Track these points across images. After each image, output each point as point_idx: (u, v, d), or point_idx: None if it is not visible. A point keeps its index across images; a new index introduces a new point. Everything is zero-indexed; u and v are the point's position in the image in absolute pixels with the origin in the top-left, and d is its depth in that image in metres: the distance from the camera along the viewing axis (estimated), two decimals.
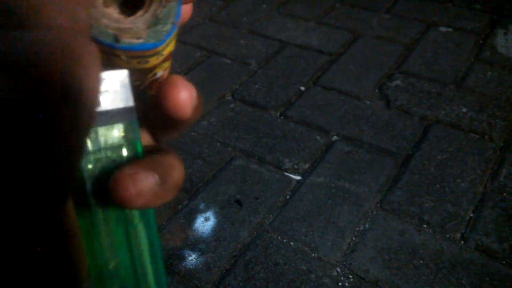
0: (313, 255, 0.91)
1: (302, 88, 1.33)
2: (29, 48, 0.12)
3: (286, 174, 1.08)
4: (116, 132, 0.19)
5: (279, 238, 0.94)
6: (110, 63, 0.18)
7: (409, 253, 0.91)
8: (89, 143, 0.18)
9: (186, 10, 0.20)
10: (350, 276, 0.88)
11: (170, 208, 1.00)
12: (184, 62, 1.45)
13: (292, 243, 0.93)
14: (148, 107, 0.20)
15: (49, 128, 0.12)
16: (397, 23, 1.59)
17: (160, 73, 0.20)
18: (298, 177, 1.07)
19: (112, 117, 0.19)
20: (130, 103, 0.19)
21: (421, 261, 0.89)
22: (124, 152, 0.19)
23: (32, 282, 0.15)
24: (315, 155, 1.12)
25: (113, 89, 0.19)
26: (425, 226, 0.95)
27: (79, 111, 0.13)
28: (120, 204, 0.17)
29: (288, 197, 1.02)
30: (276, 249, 0.92)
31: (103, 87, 0.18)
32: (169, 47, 0.19)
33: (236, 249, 0.92)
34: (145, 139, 0.22)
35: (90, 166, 0.19)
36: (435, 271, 0.87)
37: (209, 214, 0.99)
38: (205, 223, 0.97)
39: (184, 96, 0.19)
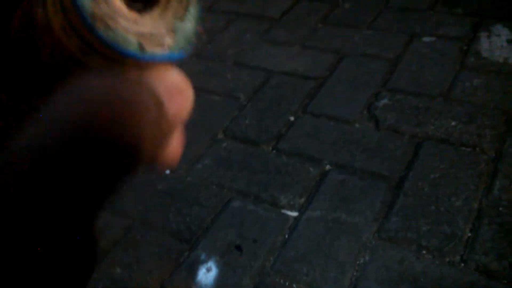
0: None
1: (292, 118, 1.35)
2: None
3: (283, 211, 1.09)
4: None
5: (281, 281, 0.95)
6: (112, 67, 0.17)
7: (410, 282, 0.91)
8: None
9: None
10: None
11: (172, 261, 1.02)
12: None
13: (294, 285, 0.94)
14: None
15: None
16: (380, 38, 1.60)
17: None
18: (294, 214, 1.08)
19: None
20: None
21: None
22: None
23: None
24: (310, 187, 1.14)
25: None
26: (424, 251, 0.96)
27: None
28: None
29: (286, 236, 1.04)
30: None
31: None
32: None
33: None
34: None
35: None
36: None
37: (211, 263, 1.00)
38: (207, 274, 0.99)
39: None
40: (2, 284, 0.15)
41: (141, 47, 0.16)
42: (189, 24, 0.17)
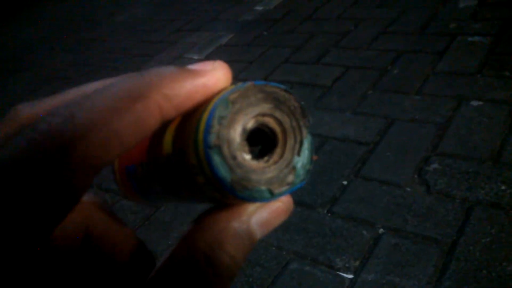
0: None
1: (345, 182, 1.43)
2: None
3: (339, 273, 1.17)
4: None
5: None
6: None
7: None
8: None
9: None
10: None
11: None
12: None
13: None
14: None
15: None
16: (429, 103, 1.68)
17: None
18: (350, 276, 1.15)
19: None
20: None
21: None
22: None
23: None
24: (364, 250, 1.21)
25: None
26: None
27: None
28: None
29: None
30: None
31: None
32: None
33: None
34: None
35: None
36: None
37: None
38: None
39: None
40: None
41: (270, 192, 0.18)
42: (305, 157, 0.19)
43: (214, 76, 0.19)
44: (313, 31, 2.46)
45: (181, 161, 0.19)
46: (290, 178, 0.19)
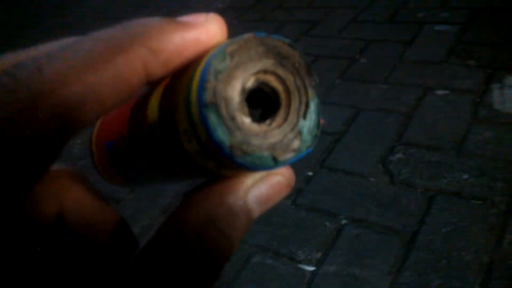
0: None
1: (310, 173, 1.42)
2: None
3: (300, 266, 1.16)
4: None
5: None
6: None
7: None
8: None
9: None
10: None
11: None
12: None
13: None
14: None
15: None
16: (395, 92, 1.68)
17: None
18: (311, 268, 1.14)
19: None
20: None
21: None
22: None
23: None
24: (326, 242, 1.20)
25: None
26: None
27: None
28: None
29: None
30: None
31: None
32: None
33: None
34: None
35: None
36: None
37: None
38: None
39: None
40: None
41: (274, 159, 0.16)
42: (311, 120, 0.17)
43: (207, 29, 0.17)
44: (284, 19, 2.43)
45: (170, 127, 0.16)
46: (296, 144, 0.17)
